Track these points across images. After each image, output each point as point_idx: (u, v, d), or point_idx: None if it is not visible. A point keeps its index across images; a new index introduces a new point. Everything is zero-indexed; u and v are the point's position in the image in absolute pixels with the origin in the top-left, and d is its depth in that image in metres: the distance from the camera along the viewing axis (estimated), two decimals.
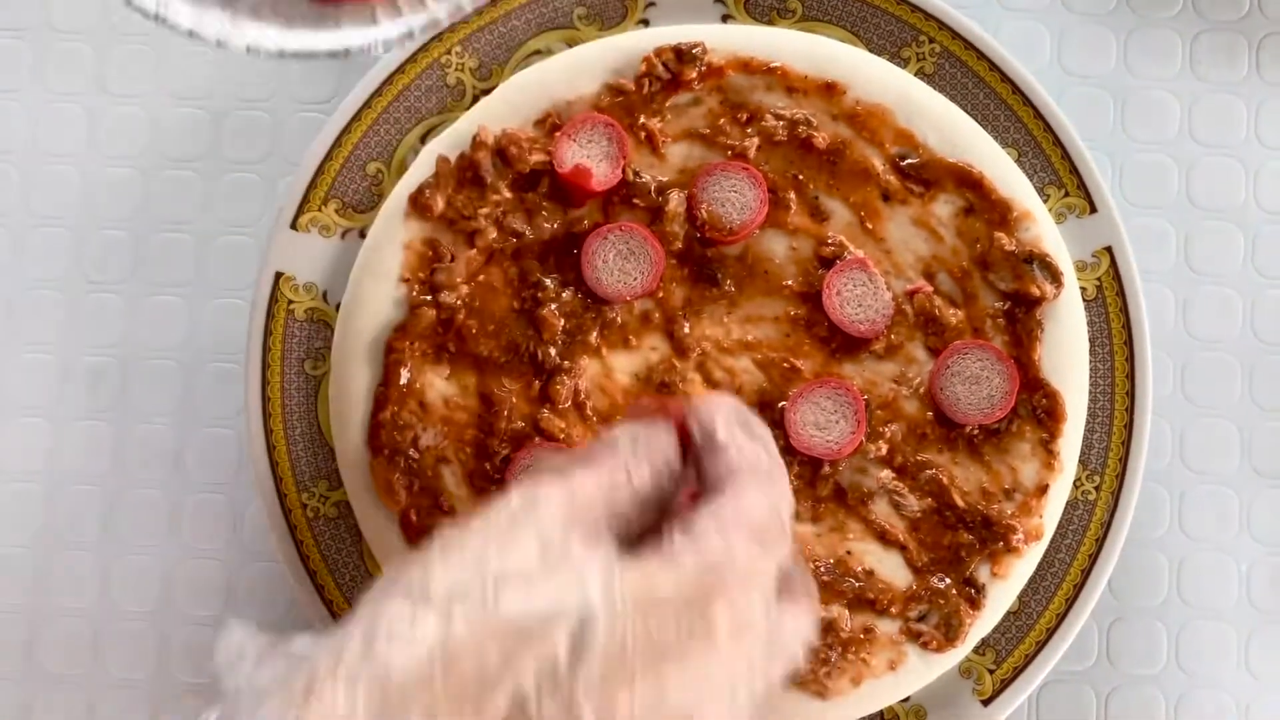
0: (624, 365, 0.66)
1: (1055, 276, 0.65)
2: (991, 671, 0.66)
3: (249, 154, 0.73)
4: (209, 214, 0.73)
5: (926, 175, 0.66)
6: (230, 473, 0.72)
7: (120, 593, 0.72)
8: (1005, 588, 0.65)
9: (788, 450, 0.65)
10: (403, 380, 0.65)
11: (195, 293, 0.73)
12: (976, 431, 0.65)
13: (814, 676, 0.64)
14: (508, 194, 0.66)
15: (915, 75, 0.67)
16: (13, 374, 0.73)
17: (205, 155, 0.73)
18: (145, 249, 0.73)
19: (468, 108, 0.67)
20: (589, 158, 0.65)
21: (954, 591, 0.64)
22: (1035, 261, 0.65)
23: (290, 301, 0.67)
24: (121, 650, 0.72)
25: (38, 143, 0.74)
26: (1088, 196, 0.66)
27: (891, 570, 0.65)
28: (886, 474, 0.65)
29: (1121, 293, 0.66)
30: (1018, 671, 0.66)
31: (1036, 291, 0.65)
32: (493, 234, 0.65)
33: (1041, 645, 0.66)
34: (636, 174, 0.66)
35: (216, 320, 0.73)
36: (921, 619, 0.64)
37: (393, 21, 0.52)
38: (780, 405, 0.65)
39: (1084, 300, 0.66)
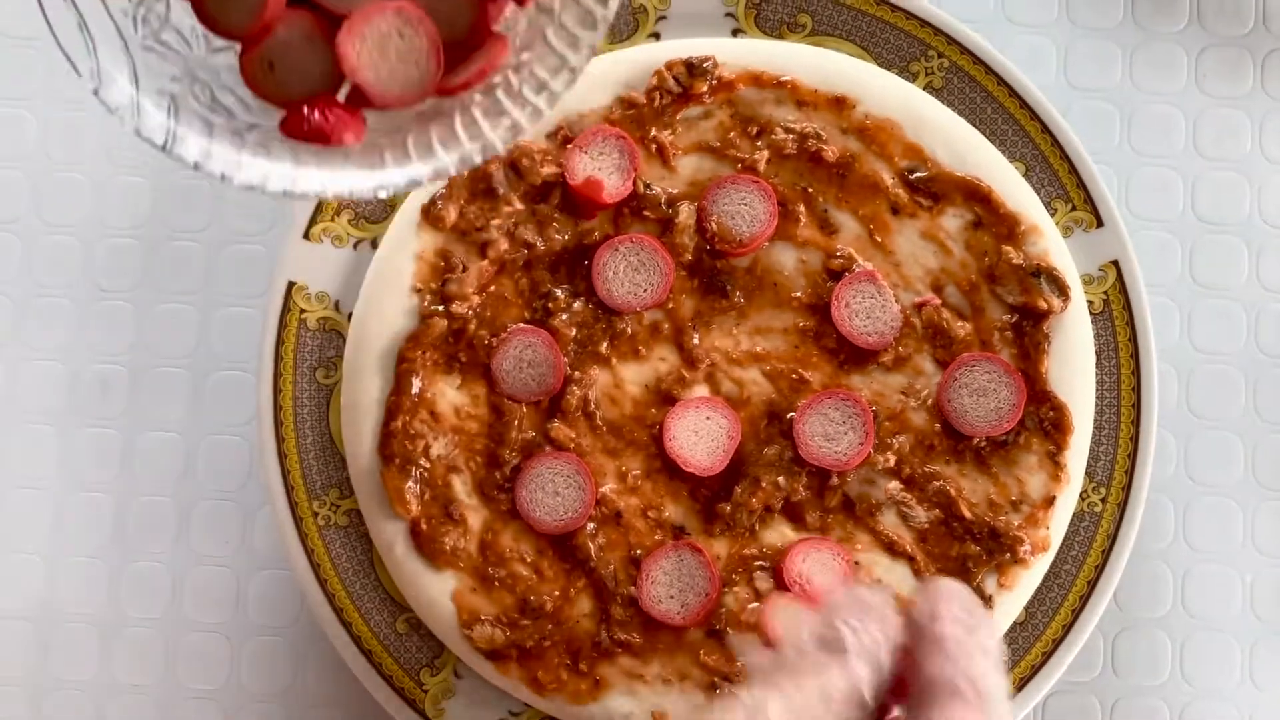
0: (634, 375, 0.66)
1: (1062, 290, 0.65)
2: None
3: None
4: (219, 223, 0.74)
5: (935, 189, 0.66)
6: (240, 480, 0.72)
7: (129, 599, 0.72)
8: (1012, 599, 0.65)
9: (796, 461, 0.65)
10: (414, 389, 0.65)
11: (205, 301, 0.73)
12: (984, 443, 0.65)
13: None
14: (519, 205, 0.66)
15: (924, 90, 0.67)
16: (23, 381, 0.73)
17: None
18: (155, 257, 0.73)
19: None
20: (600, 170, 0.66)
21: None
22: (1042, 275, 0.65)
23: (302, 310, 0.67)
24: (130, 656, 0.72)
25: (49, 151, 0.74)
26: (1094, 210, 0.67)
27: (899, 581, 0.65)
28: (894, 485, 0.66)
29: (1128, 306, 0.67)
30: (1024, 682, 0.66)
31: (1044, 305, 0.65)
32: (504, 245, 0.66)
33: (1048, 656, 0.66)
34: (647, 186, 0.66)
35: (226, 328, 0.73)
36: None
37: (401, 168, 0.52)
38: (789, 416, 0.65)
39: (1090, 313, 0.67)
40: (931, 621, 0.48)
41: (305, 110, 0.52)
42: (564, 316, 0.66)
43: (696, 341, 0.66)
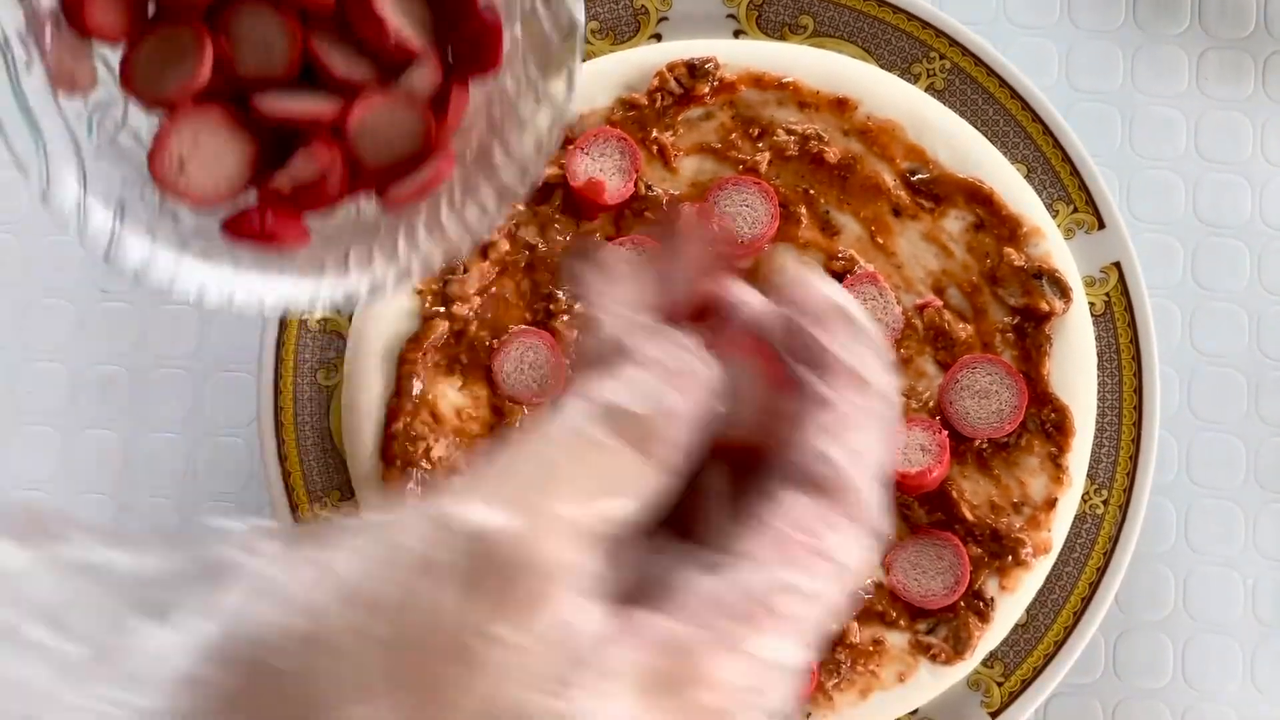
0: None
1: (1064, 292, 0.65)
2: (1000, 684, 0.66)
3: None
4: None
5: (937, 190, 0.66)
6: (240, 483, 0.72)
7: None
8: (1013, 601, 0.65)
9: None
10: (415, 391, 0.65)
11: None
12: (985, 445, 0.65)
13: (822, 688, 0.64)
14: (520, 206, 0.66)
15: (926, 91, 0.67)
16: (23, 382, 0.73)
17: None
18: None
19: None
20: (602, 171, 0.66)
21: (962, 604, 0.65)
22: (1044, 277, 0.65)
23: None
24: None
25: None
26: (1096, 212, 0.67)
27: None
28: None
29: (1130, 308, 0.67)
30: (1025, 684, 0.66)
31: (1045, 307, 0.65)
32: (505, 246, 0.66)
33: (1049, 658, 0.66)
34: (649, 187, 0.66)
35: (227, 330, 0.73)
36: (930, 632, 0.65)
37: (338, 280, 0.50)
38: None
39: (1092, 315, 0.67)
40: (815, 338, 0.37)
41: (250, 210, 0.51)
42: (566, 318, 0.66)
43: None
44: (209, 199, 0.52)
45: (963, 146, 0.66)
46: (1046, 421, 0.65)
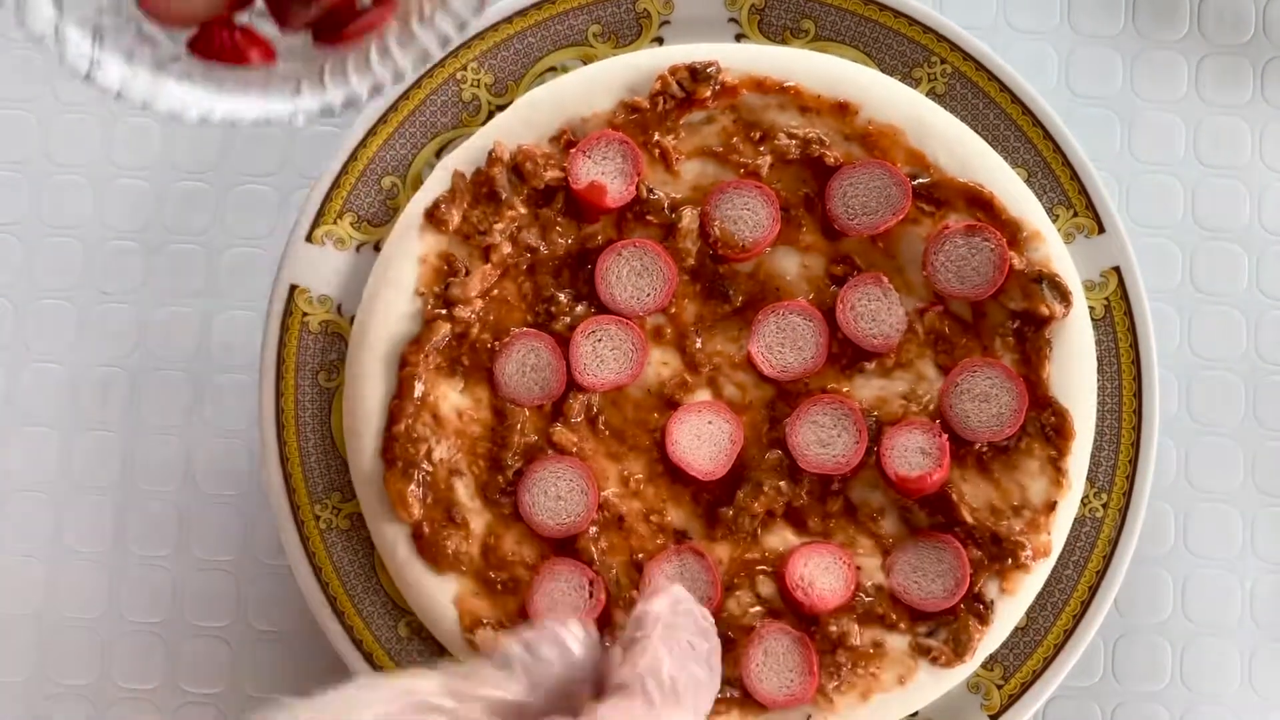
0: (636, 380, 0.66)
1: (1064, 296, 0.65)
2: (999, 687, 0.66)
3: (261, 166, 0.74)
4: (220, 226, 0.74)
5: (938, 195, 0.66)
6: (241, 484, 0.72)
7: (129, 604, 0.72)
8: (1013, 604, 0.65)
9: (794, 471, 0.65)
10: (417, 393, 0.65)
11: (206, 304, 0.73)
12: (985, 449, 0.66)
13: (823, 690, 0.64)
14: (522, 209, 0.66)
15: (926, 96, 0.67)
16: (23, 384, 0.73)
17: (217, 167, 0.74)
18: (156, 260, 0.73)
19: (483, 123, 0.67)
20: (603, 174, 0.66)
21: (962, 607, 0.65)
22: (1044, 281, 0.65)
23: (304, 314, 0.67)
24: (130, 661, 0.72)
25: (50, 153, 0.74)
26: (1096, 217, 0.67)
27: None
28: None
29: (1129, 312, 0.67)
30: (1025, 687, 0.66)
31: (1045, 310, 0.65)
32: (507, 249, 0.66)
33: (1049, 661, 0.66)
34: (650, 191, 0.66)
35: (227, 332, 0.73)
36: (930, 634, 0.65)
37: (314, 94, 0.54)
38: (784, 423, 0.65)
39: (1092, 319, 0.67)
40: (636, 630, 0.50)
41: (215, 28, 0.54)
42: (567, 320, 0.66)
43: (699, 346, 0.66)
44: (187, 19, 0.55)
45: (963, 151, 0.66)
46: (1046, 425, 0.65)
